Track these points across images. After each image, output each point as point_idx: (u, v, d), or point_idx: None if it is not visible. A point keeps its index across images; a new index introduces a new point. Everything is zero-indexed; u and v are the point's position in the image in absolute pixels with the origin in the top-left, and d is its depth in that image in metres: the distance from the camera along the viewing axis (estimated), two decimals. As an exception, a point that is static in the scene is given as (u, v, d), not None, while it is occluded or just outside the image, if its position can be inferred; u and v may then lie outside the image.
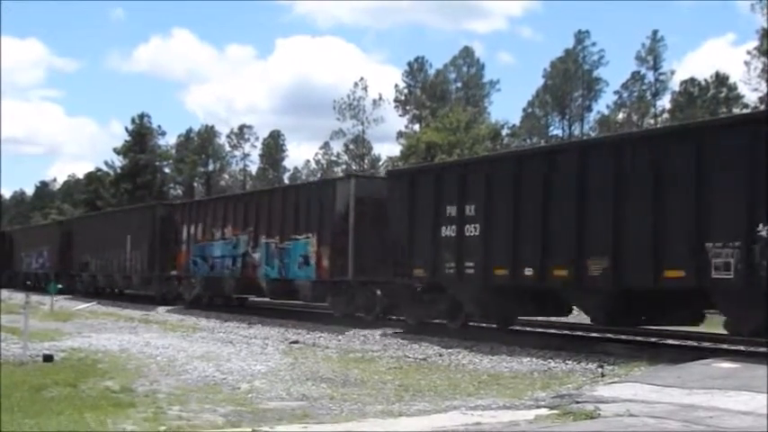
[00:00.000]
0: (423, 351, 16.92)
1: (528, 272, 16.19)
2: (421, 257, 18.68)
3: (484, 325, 19.53)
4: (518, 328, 20.20)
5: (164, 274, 32.48)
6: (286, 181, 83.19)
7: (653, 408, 8.77)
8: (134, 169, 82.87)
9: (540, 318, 20.03)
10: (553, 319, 19.74)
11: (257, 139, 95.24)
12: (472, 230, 17.35)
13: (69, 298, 38.43)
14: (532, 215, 16.23)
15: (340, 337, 19.91)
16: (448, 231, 17.86)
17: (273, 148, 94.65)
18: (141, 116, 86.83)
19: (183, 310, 30.24)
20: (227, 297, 30.31)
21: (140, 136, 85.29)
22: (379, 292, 21.81)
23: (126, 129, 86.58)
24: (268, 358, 15.60)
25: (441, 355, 16.23)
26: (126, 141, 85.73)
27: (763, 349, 14.55)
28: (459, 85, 77.46)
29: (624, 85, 68.42)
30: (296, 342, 18.89)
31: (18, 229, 65.74)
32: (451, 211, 17.84)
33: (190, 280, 30.96)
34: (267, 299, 28.17)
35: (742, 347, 15.02)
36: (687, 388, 10.02)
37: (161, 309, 31.21)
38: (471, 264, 17.34)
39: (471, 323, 19.27)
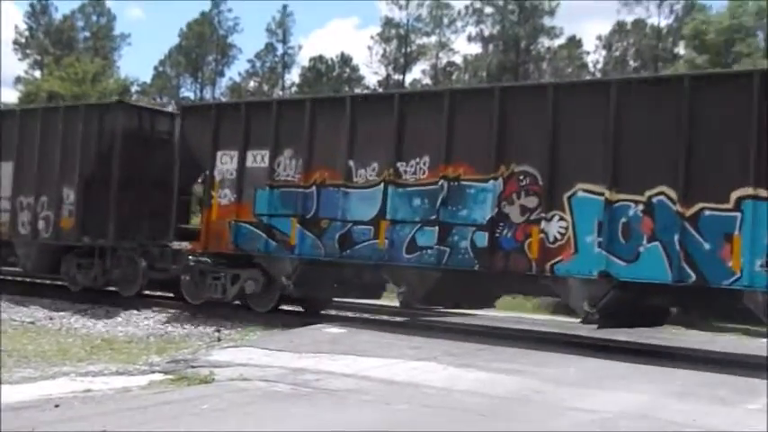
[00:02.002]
0: (31, 314, 15.91)
1: None
2: None
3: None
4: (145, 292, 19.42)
5: (129, 245, 16.87)
6: None
7: (265, 371, 9.12)
8: None
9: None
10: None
11: None
12: None
13: None
14: None
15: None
16: None
17: None
18: None
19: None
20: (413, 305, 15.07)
21: None
22: None
23: None
24: None
25: (51, 319, 15.41)
26: None
27: (366, 315, 15.72)
28: (87, 34, 73.44)
29: (257, 55, 69.53)
30: None
31: None
32: None
33: (192, 261, 15.52)
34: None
35: (350, 314, 16.07)
36: (298, 352, 10.55)
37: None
38: None
39: None
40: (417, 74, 59.01)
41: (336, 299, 16.36)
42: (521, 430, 6.82)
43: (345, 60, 65.48)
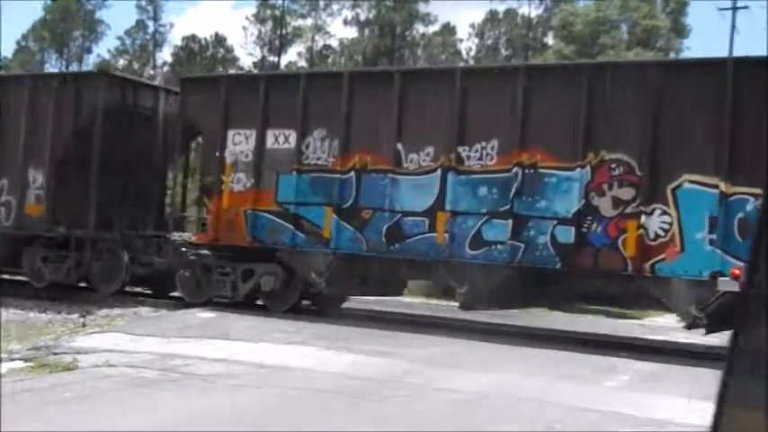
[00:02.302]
0: None
1: None
2: None
3: None
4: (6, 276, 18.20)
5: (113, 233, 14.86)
6: None
7: (131, 357, 8.89)
8: None
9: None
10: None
11: None
12: None
13: None
14: None
15: None
16: None
17: None
18: None
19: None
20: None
21: None
22: None
23: None
24: None
25: None
26: None
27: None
28: (-57, 4, 69.49)
29: (127, 32, 67.46)
30: None
31: None
32: None
33: (193, 254, 13.84)
34: None
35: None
36: (167, 337, 10.34)
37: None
38: None
39: None
40: (293, 56, 58.65)
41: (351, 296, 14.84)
42: (390, 411, 6.90)
43: (220, 40, 64.39)
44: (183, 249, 13.94)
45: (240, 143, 13.29)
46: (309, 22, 56.34)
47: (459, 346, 10.62)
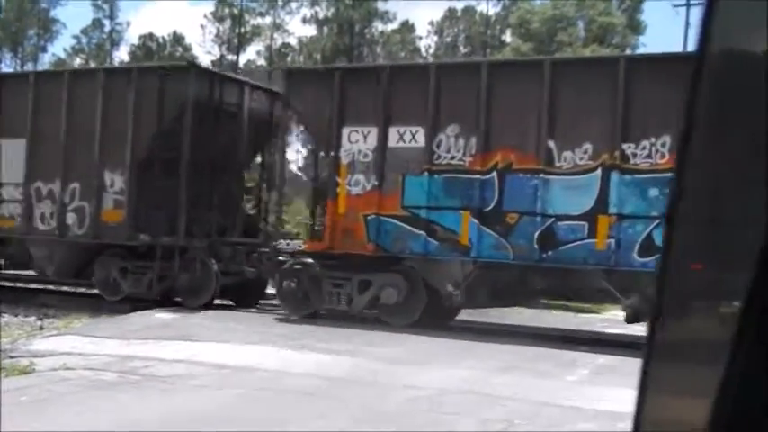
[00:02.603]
0: None
1: None
2: None
3: None
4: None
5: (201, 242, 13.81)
6: None
7: (90, 360, 8.78)
8: None
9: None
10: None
11: None
12: None
13: None
14: None
15: None
16: None
17: None
18: None
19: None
20: None
21: None
22: None
23: None
24: None
25: None
26: None
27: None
28: None
29: (83, 31, 66.66)
30: None
31: None
32: None
33: (297, 264, 12.81)
34: None
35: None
36: (126, 339, 10.22)
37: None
38: None
39: None
40: (252, 54, 58.41)
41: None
42: (352, 410, 6.89)
43: (177, 39, 63.91)
44: (281, 258, 12.95)
45: (357, 141, 12.24)
46: (268, 20, 56.14)
47: (424, 343, 10.62)
